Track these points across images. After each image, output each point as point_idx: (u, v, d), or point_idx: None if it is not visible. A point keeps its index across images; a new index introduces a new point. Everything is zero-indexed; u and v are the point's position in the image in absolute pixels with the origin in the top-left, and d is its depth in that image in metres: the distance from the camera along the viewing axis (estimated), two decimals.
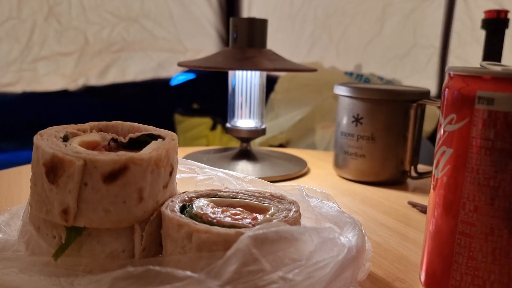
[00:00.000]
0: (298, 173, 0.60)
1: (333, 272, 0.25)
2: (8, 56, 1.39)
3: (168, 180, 0.30)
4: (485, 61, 0.29)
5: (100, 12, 1.52)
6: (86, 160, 0.26)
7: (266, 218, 0.28)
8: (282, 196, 0.32)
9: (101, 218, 0.27)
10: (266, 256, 0.24)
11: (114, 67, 1.58)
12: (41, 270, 0.26)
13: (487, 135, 0.26)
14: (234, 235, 0.25)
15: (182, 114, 1.71)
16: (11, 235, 0.31)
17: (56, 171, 0.26)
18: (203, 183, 0.37)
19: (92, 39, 1.52)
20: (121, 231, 0.28)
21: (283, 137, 1.44)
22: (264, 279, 0.23)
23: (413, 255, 0.37)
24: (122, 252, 0.28)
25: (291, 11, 1.84)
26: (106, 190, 0.26)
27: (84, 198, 0.26)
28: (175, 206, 0.29)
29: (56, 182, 0.26)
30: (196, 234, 0.26)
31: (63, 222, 0.27)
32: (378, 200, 0.52)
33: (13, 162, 0.62)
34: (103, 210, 0.26)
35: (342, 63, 1.79)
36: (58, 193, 0.26)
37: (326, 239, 0.26)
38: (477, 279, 0.27)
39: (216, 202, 0.30)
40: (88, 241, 0.27)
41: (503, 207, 0.26)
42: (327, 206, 0.34)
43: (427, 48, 1.80)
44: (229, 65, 0.57)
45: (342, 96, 0.59)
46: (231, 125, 0.65)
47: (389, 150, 0.57)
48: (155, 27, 1.65)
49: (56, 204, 0.26)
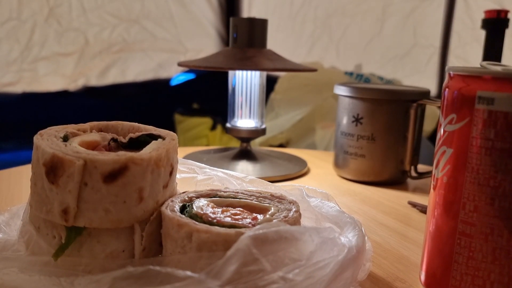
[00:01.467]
0: (298, 173, 0.60)
1: (333, 272, 0.25)
2: (8, 57, 1.39)
3: (168, 180, 0.30)
4: (485, 61, 0.29)
5: (101, 13, 1.52)
6: (86, 160, 0.26)
7: (266, 218, 0.28)
8: (282, 196, 0.32)
9: (101, 218, 0.27)
10: (266, 256, 0.24)
11: (114, 68, 1.58)
12: (41, 270, 0.26)
13: (487, 135, 0.26)
14: (234, 235, 0.25)
15: (182, 114, 1.71)
16: (11, 235, 0.31)
17: (56, 171, 0.26)
18: (203, 183, 0.37)
19: (93, 40, 1.52)
20: (121, 231, 0.28)
21: (283, 137, 1.44)
22: (264, 279, 0.23)
23: (413, 255, 0.37)
24: (122, 252, 0.28)
25: (291, 11, 1.84)
26: (106, 190, 0.26)
27: (84, 198, 0.26)
28: (175, 206, 0.29)
29: (56, 182, 0.26)
30: (196, 234, 0.26)
31: (63, 222, 0.27)
32: (378, 200, 0.52)
33: (13, 162, 0.62)
34: (103, 210, 0.26)
35: (342, 63, 1.79)
36: (58, 193, 0.26)
37: (326, 239, 0.26)
38: (477, 279, 0.27)
39: (216, 202, 0.30)
40: (88, 241, 0.27)
41: (503, 207, 0.26)
42: (327, 206, 0.34)
43: (427, 48, 1.80)
44: (229, 65, 0.57)
45: (342, 96, 0.59)
46: (231, 125, 0.65)
47: (389, 150, 0.57)
48: (156, 27, 1.65)
49: (56, 204, 0.26)
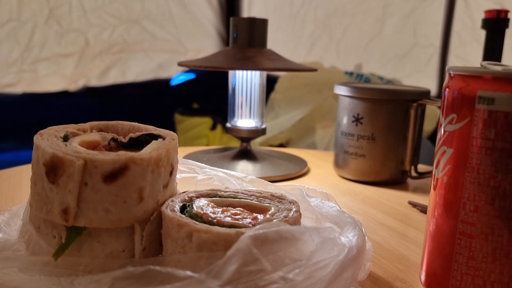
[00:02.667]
0: (298, 173, 0.60)
1: (334, 272, 0.25)
2: (8, 57, 1.39)
3: (168, 180, 0.30)
4: (486, 61, 0.29)
5: (101, 14, 1.52)
6: (86, 160, 0.26)
7: (266, 218, 0.28)
8: (282, 196, 0.32)
9: (101, 218, 0.27)
10: (266, 256, 0.24)
11: (115, 68, 1.58)
12: (41, 270, 0.26)
13: (488, 135, 0.26)
14: (234, 235, 0.25)
15: (182, 114, 1.71)
16: (11, 235, 0.31)
17: (56, 171, 0.26)
18: (203, 183, 0.37)
19: (93, 41, 1.52)
20: (121, 231, 0.28)
21: (283, 137, 1.44)
22: (264, 279, 0.23)
23: (413, 255, 0.37)
24: (122, 252, 0.28)
25: (291, 11, 1.84)
26: (106, 190, 0.26)
27: (84, 197, 0.26)
28: (175, 206, 0.29)
29: (56, 181, 0.26)
30: (196, 234, 0.26)
31: (63, 221, 0.27)
32: (378, 200, 0.52)
33: (13, 162, 0.62)
34: (103, 210, 0.26)
35: (342, 63, 1.78)
36: (58, 193, 0.26)
37: (326, 239, 0.26)
38: (478, 279, 0.27)
39: (216, 202, 0.30)
40: (88, 241, 0.27)
41: (503, 207, 0.26)
42: (327, 206, 0.34)
43: (427, 47, 1.80)
44: (229, 65, 0.57)
45: (342, 96, 0.59)
46: (231, 125, 0.65)
47: (389, 150, 0.57)
48: (156, 28, 1.65)
49: (56, 204, 0.26)
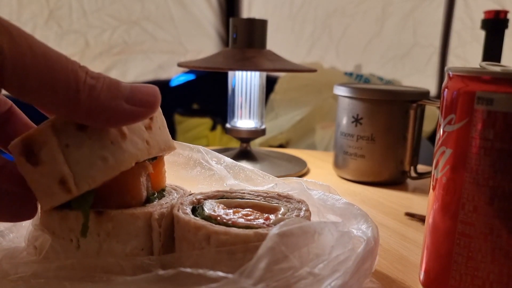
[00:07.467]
0: (298, 173, 0.60)
1: (356, 264, 0.25)
2: None
3: (150, 123, 0.28)
4: (485, 61, 0.29)
5: (101, 15, 1.52)
6: (52, 120, 0.25)
7: (279, 218, 0.28)
8: (289, 195, 0.32)
9: (101, 170, 0.25)
10: (293, 253, 0.24)
11: (115, 69, 1.58)
12: (57, 275, 0.26)
13: (487, 135, 0.26)
14: (253, 236, 0.25)
15: (182, 114, 1.71)
16: (15, 242, 0.31)
17: (33, 148, 0.25)
18: (201, 177, 0.37)
19: (93, 42, 1.52)
20: (140, 229, 0.27)
21: (283, 137, 1.44)
22: (294, 276, 0.24)
23: (412, 255, 0.37)
24: (141, 251, 0.28)
25: (291, 11, 1.84)
26: (87, 137, 0.25)
27: (73, 159, 0.25)
28: (186, 209, 0.29)
29: (40, 159, 0.25)
30: (215, 236, 0.25)
31: (67, 194, 0.25)
32: (378, 200, 0.52)
33: None
34: (99, 160, 0.25)
35: (342, 63, 1.79)
36: (48, 170, 0.25)
37: (343, 233, 0.27)
38: (477, 279, 0.27)
39: (224, 204, 0.30)
40: (107, 241, 0.27)
41: (502, 208, 0.26)
42: (332, 198, 0.34)
43: (427, 47, 1.80)
44: (229, 65, 0.57)
45: (342, 96, 0.59)
46: (231, 125, 0.65)
47: (389, 150, 0.57)
48: (156, 29, 1.65)
49: (51, 182, 0.25)
